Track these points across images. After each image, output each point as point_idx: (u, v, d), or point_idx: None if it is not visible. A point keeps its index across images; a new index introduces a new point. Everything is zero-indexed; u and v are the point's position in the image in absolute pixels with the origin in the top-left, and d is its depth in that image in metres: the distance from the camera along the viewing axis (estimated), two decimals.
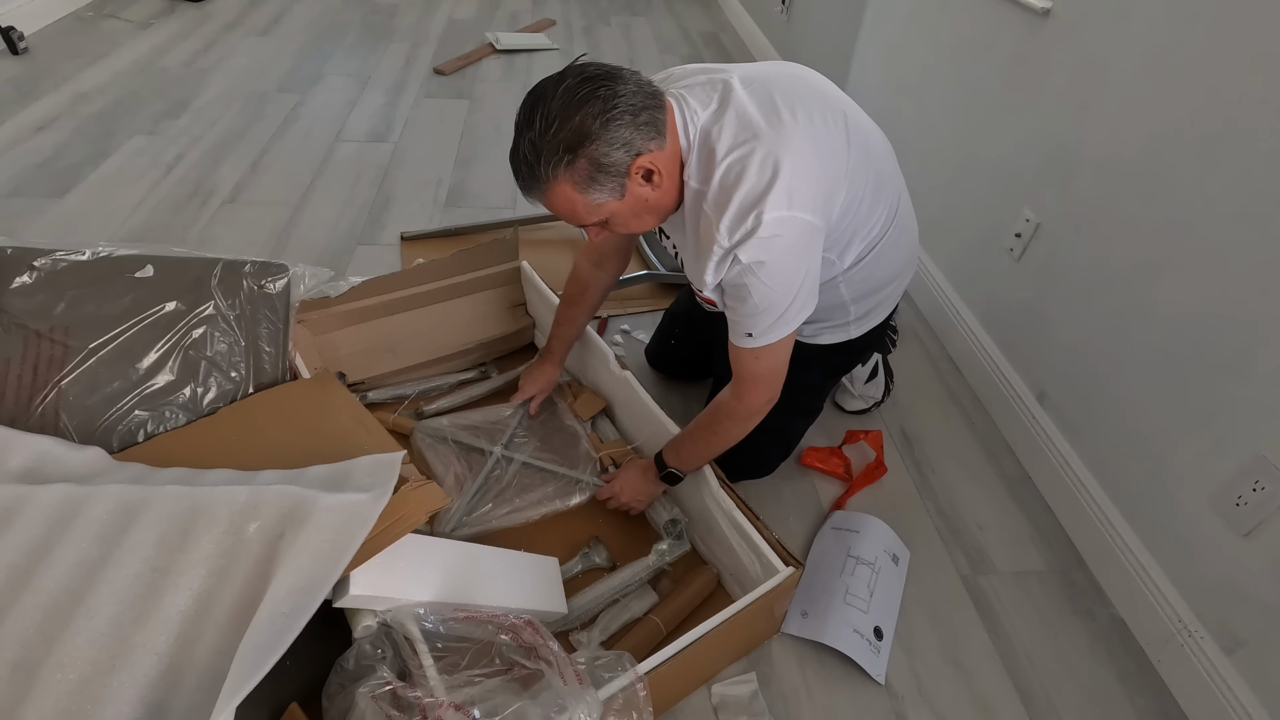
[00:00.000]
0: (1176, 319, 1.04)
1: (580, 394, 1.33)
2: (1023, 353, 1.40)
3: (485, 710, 0.67)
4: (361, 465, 0.85)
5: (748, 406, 0.97)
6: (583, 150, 0.78)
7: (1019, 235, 1.37)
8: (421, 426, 1.26)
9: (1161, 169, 1.05)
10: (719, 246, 0.84)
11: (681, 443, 1.05)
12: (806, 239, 0.86)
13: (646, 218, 0.90)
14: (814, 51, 2.44)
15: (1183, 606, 1.04)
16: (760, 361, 0.93)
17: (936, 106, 1.65)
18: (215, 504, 0.74)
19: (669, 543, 1.08)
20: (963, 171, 1.55)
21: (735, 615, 0.87)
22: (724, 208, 0.83)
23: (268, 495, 0.75)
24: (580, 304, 1.24)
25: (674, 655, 0.82)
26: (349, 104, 2.45)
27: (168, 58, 2.64)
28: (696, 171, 0.87)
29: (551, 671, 0.72)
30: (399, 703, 0.67)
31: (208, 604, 0.68)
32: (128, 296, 1.00)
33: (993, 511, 1.28)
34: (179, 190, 1.92)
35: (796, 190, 0.82)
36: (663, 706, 0.95)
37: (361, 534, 0.71)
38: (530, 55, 2.95)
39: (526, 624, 0.77)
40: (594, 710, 0.70)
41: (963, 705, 1.00)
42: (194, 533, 0.71)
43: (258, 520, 0.72)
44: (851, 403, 1.43)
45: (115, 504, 0.74)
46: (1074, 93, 1.22)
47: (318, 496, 0.74)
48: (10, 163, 1.97)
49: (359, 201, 1.95)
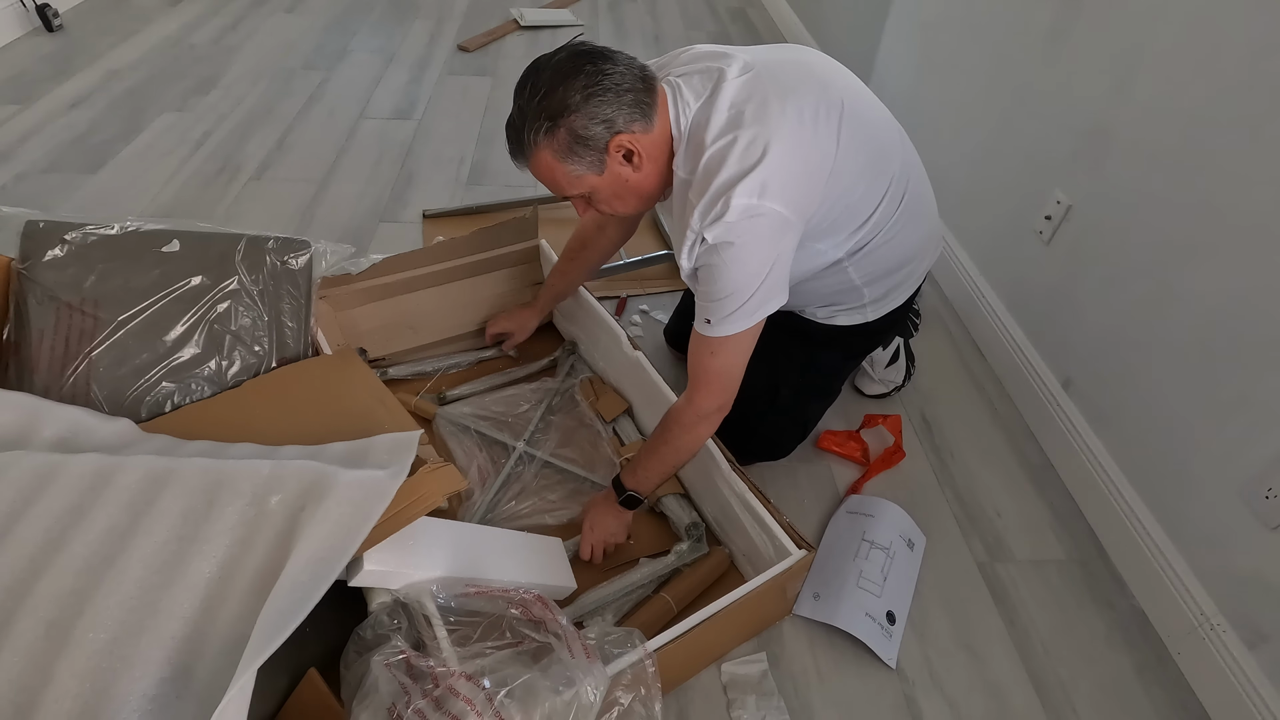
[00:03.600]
0: (1211, 305, 1.01)
1: (603, 394, 1.32)
2: (1049, 338, 1.37)
3: (495, 680, 0.68)
4: (380, 443, 0.86)
5: (696, 410, 0.94)
6: (563, 120, 0.82)
7: (1049, 218, 1.33)
8: (444, 413, 1.27)
9: (1200, 150, 1.02)
10: (691, 231, 0.85)
11: (638, 462, 1.02)
12: (776, 230, 0.85)
13: (628, 198, 0.91)
14: (842, 27, 2.38)
15: (1205, 599, 1.02)
16: (715, 358, 0.91)
17: (967, 85, 1.61)
18: (239, 477, 0.76)
19: (690, 544, 1.08)
20: (992, 152, 1.51)
21: (746, 596, 0.88)
22: (702, 194, 0.84)
23: (289, 469, 0.77)
24: (576, 260, 1.26)
25: (684, 633, 0.83)
26: (373, 81, 2.45)
27: (196, 34, 2.67)
28: (685, 162, 0.88)
29: (560, 645, 0.73)
30: (412, 671, 0.68)
31: (231, 571, 0.70)
32: (155, 270, 1.02)
33: (1012, 499, 1.26)
34: (207, 166, 1.95)
35: (771, 181, 0.82)
36: (672, 684, 0.96)
37: (380, 508, 0.72)
38: (555, 31, 2.93)
39: (536, 599, 0.78)
40: (601, 683, 0.71)
41: (974, 691, 1.00)
42: (219, 503, 0.73)
43: (280, 493, 0.74)
44: (871, 386, 1.41)
45: (144, 474, 0.76)
46: (1111, 71, 1.18)
47: (338, 472, 0.76)
48: (46, 139, 2.01)
49: (382, 179, 1.96)
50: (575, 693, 0.70)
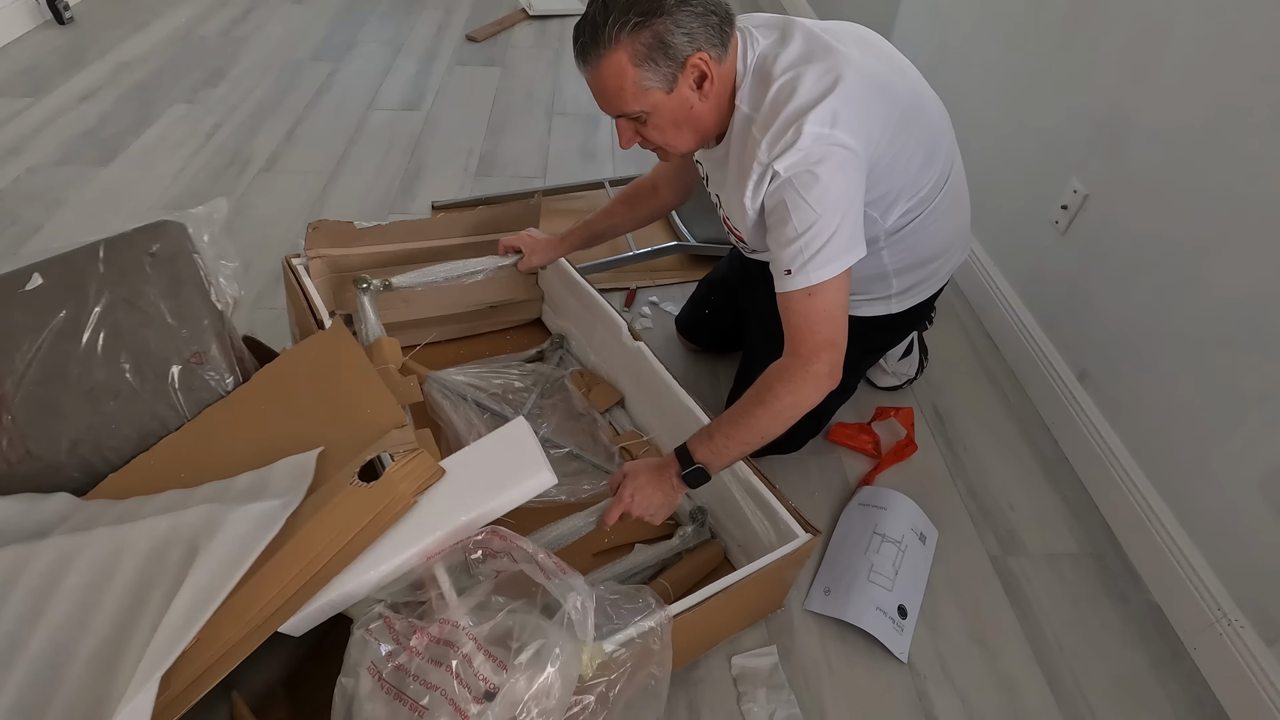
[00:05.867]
0: (1232, 296, 0.99)
1: (595, 385, 1.31)
2: (1064, 329, 1.35)
3: (477, 620, 0.66)
4: (280, 469, 0.83)
5: (806, 368, 0.84)
6: (652, 20, 0.79)
7: (1065, 207, 1.31)
8: (435, 377, 1.25)
9: (1223, 138, 0.99)
10: (758, 164, 0.83)
11: (718, 429, 0.89)
12: (850, 165, 0.83)
13: (684, 131, 0.88)
14: (857, 8, 2.34)
15: (1223, 594, 1.00)
16: (813, 302, 0.83)
17: (983, 70, 1.58)
18: (139, 537, 0.75)
19: (694, 528, 1.07)
20: (1008, 139, 1.49)
21: (753, 575, 0.87)
22: (769, 126, 0.82)
23: (185, 519, 0.75)
24: (628, 205, 1.24)
25: (696, 605, 0.82)
26: (382, 72, 2.44)
27: (206, 26, 2.67)
28: (749, 95, 0.86)
29: (533, 569, 0.70)
30: (395, 633, 0.67)
31: (127, 634, 0.68)
32: (26, 313, 0.92)
33: (1026, 492, 1.25)
34: (217, 159, 1.95)
35: (842, 111, 0.81)
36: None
37: (265, 539, 0.69)
38: (564, 20, 2.90)
39: (491, 533, 0.74)
40: (585, 594, 0.68)
41: (986, 686, 0.99)
42: (120, 570, 0.72)
43: (179, 544, 0.73)
44: (883, 379, 1.40)
45: (54, 555, 0.75)
46: (1131, 56, 1.16)
47: (226, 511, 0.74)
48: (58, 131, 2.02)
49: (391, 170, 1.96)
50: (563, 612, 0.67)
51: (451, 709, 0.61)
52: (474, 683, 0.62)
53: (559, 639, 0.65)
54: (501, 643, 0.65)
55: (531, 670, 0.63)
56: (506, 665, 0.63)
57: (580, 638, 0.67)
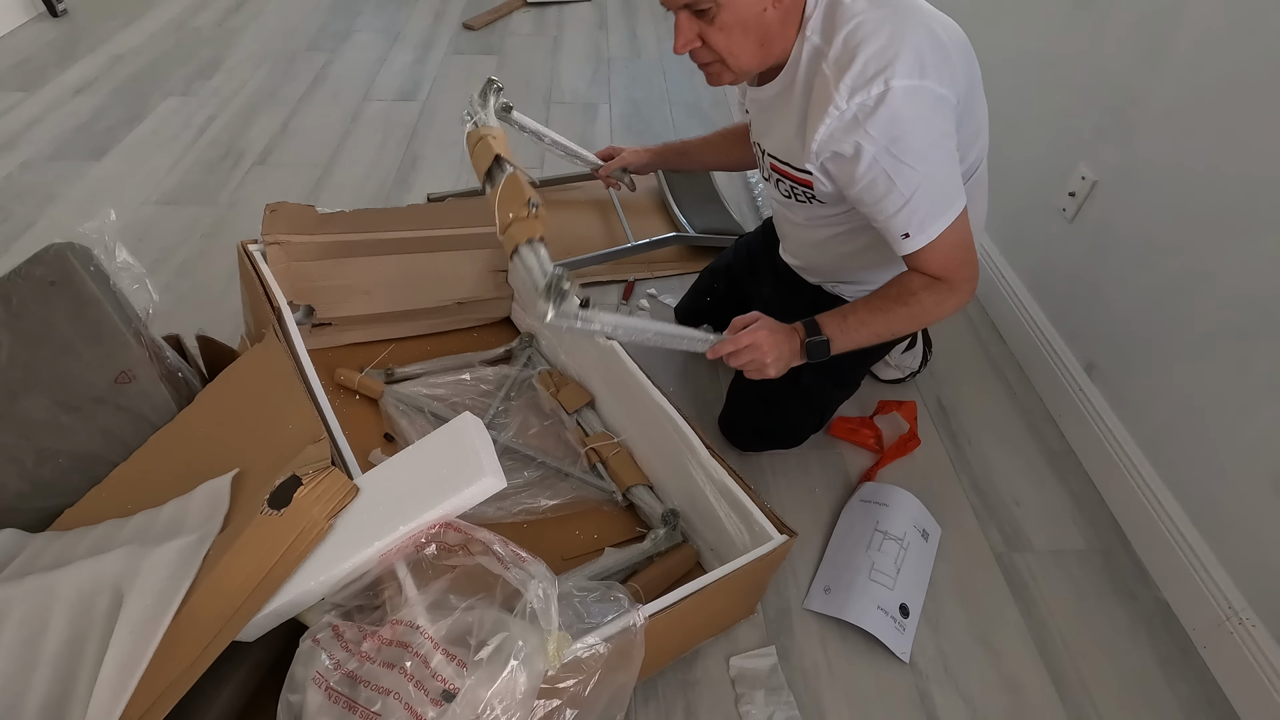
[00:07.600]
0: (1245, 285, 0.96)
1: (564, 385, 1.26)
2: (1072, 320, 1.32)
3: (434, 618, 0.63)
4: (197, 498, 0.80)
5: (950, 286, 0.87)
6: None
7: (1073, 194, 1.27)
8: (393, 391, 1.21)
9: (1239, 121, 0.96)
10: (835, 108, 0.79)
11: (853, 310, 0.91)
12: (943, 113, 0.80)
13: (751, 39, 0.82)
14: None
15: (1234, 591, 0.98)
16: (938, 250, 0.85)
17: (985, 51, 1.52)
18: (67, 585, 0.72)
19: (666, 530, 1.04)
20: (1013, 124, 1.45)
21: (726, 577, 0.83)
22: (846, 66, 0.78)
23: (107, 565, 0.72)
24: (726, 139, 1.24)
25: (665, 609, 0.78)
26: (377, 62, 2.41)
27: (199, 17, 2.64)
28: (820, 25, 0.82)
29: (489, 560, 0.68)
30: (343, 640, 0.65)
31: (68, 689, 0.66)
32: None
33: (1032, 487, 1.23)
34: (211, 152, 1.93)
35: (929, 60, 0.78)
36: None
37: (185, 582, 0.67)
38: (561, 8, 2.86)
39: (444, 526, 0.71)
40: (549, 581, 0.66)
41: (990, 686, 0.97)
42: (52, 623, 0.70)
43: (104, 593, 0.70)
44: (886, 372, 1.37)
45: None
46: (1142, 35, 1.12)
47: (147, 554, 0.71)
48: (51, 125, 2.00)
49: (386, 162, 1.93)
50: (524, 603, 0.64)
51: (406, 713, 0.59)
52: (431, 684, 0.60)
53: (521, 632, 0.62)
54: (460, 641, 0.63)
55: (493, 667, 0.60)
56: (466, 664, 0.60)
57: (545, 627, 0.64)
